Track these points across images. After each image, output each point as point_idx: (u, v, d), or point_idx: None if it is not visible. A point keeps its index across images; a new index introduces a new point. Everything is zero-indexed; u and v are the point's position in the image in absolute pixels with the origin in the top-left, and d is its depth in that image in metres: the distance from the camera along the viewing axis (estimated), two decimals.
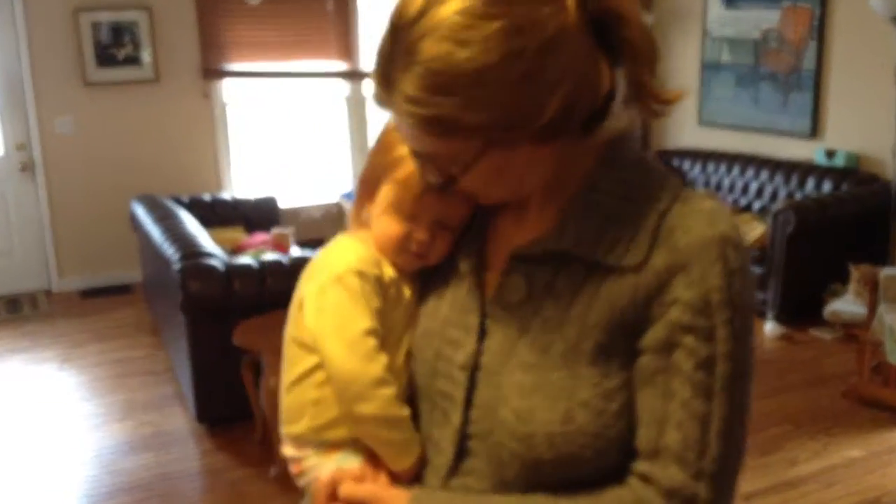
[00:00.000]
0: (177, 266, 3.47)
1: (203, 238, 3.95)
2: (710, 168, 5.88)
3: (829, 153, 5.12)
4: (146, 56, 5.64)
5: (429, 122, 0.81)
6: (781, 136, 5.51)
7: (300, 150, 6.40)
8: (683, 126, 6.37)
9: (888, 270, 3.93)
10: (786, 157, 5.42)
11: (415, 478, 0.97)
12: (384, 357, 0.96)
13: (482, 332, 0.94)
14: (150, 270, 4.63)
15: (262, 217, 5.52)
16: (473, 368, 0.93)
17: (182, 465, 3.38)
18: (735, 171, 5.68)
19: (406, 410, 0.97)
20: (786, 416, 3.65)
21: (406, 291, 1.02)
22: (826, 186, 4.98)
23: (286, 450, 1.05)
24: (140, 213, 4.62)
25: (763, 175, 5.45)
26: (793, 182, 5.22)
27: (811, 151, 5.28)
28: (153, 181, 5.63)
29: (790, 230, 4.49)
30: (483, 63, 0.77)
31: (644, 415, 0.86)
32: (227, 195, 5.67)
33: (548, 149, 0.85)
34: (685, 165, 6.09)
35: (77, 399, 4.04)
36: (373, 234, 1.01)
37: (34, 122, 5.49)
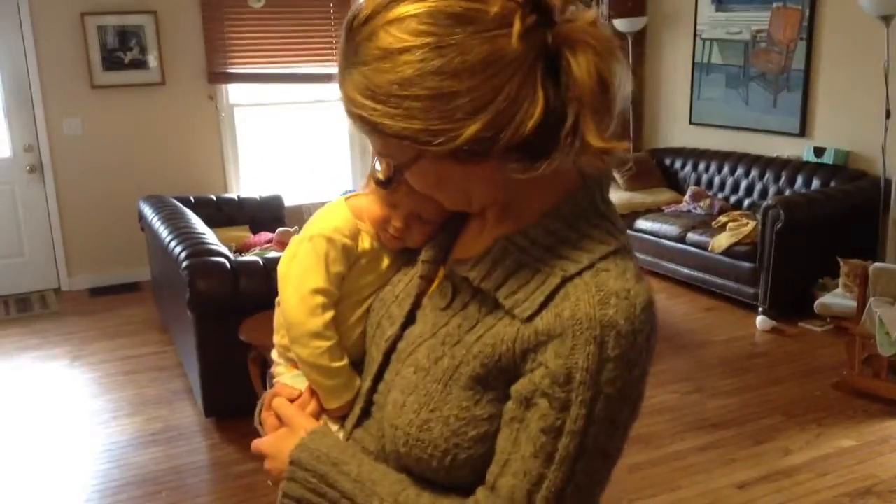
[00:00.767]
0: (184, 264, 3.56)
1: (210, 237, 4.04)
2: (702, 166, 5.98)
3: (818, 151, 5.21)
4: (152, 59, 5.74)
5: (360, 123, 0.85)
6: (771, 135, 5.60)
7: (303, 150, 6.49)
8: (675, 125, 6.46)
9: (877, 265, 4.01)
10: (776, 155, 5.50)
11: (342, 417, 1.07)
12: (328, 315, 1.07)
13: (410, 320, 1.01)
14: (158, 269, 4.72)
15: (268, 215, 5.61)
16: (391, 348, 1.01)
17: (191, 459, 3.45)
18: (726, 169, 5.78)
19: (340, 363, 1.07)
20: (778, 407, 3.73)
21: (384, 262, 1.11)
22: (815, 183, 5.07)
23: (273, 353, 1.19)
24: (148, 213, 4.71)
25: (753, 172, 5.55)
26: (783, 179, 5.31)
27: (801, 149, 5.37)
28: (160, 181, 5.73)
29: (779, 226, 4.57)
30: (399, 75, 0.80)
31: (496, 451, 0.89)
32: (233, 195, 5.77)
33: (481, 170, 0.85)
34: (677, 164, 6.19)
35: (87, 395, 4.12)
36: (364, 208, 1.11)
37: (42, 124, 5.60)
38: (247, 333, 3.36)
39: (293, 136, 6.46)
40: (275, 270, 3.49)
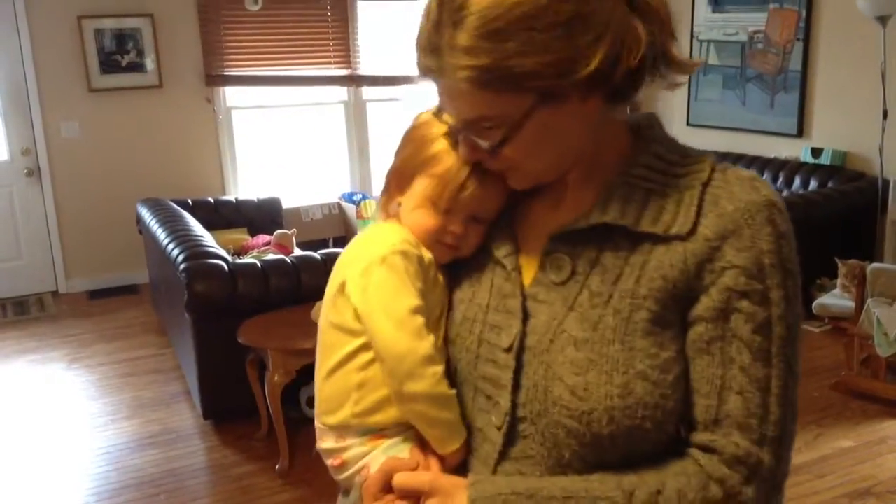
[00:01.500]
0: (182, 267, 3.55)
1: (208, 239, 4.04)
2: None
3: (816, 151, 5.21)
4: (149, 62, 5.74)
5: (484, 73, 0.82)
6: (769, 136, 5.61)
7: (301, 153, 6.50)
8: (672, 126, 6.45)
9: (875, 265, 4.01)
10: (773, 156, 5.51)
11: (461, 466, 0.95)
12: (432, 335, 0.95)
13: (525, 315, 0.93)
14: (156, 271, 4.72)
15: (265, 218, 5.62)
16: (520, 350, 0.91)
17: (189, 461, 3.45)
18: None
19: (453, 390, 0.95)
20: None
21: (440, 276, 1.02)
22: (813, 184, 5.08)
23: (324, 443, 1.01)
24: (146, 215, 4.71)
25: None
26: (780, 180, 5.31)
27: (798, 150, 5.38)
28: (158, 184, 5.73)
29: None
30: (534, 5, 0.79)
31: (701, 384, 0.85)
32: (231, 197, 5.77)
33: (590, 108, 0.86)
34: None
35: (85, 398, 4.12)
36: (407, 226, 1.01)
37: (40, 128, 5.59)
38: (245, 336, 3.35)
39: (291, 139, 6.46)
40: (272, 272, 3.49)
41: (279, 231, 5.10)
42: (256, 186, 6.23)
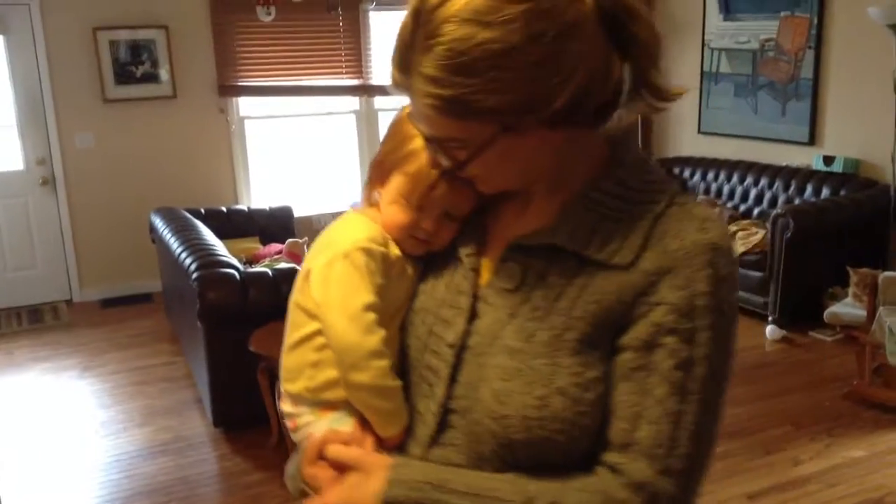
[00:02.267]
0: (194, 275, 3.58)
1: (220, 248, 4.07)
2: (710, 175, 5.97)
3: (828, 159, 5.19)
4: (163, 73, 5.80)
5: (447, 103, 0.82)
6: (780, 144, 5.59)
7: (313, 162, 6.54)
8: (683, 134, 6.46)
9: (887, 273, 3.99)
10: (785, 164, 5.49)
11: (399, 446, 1.00)
12: (382, 331, 1.00)
13: (473, 314, 0.97)
14: (169, 280, 4.75)
15: (277, 226, 5.65)
16: (461, 347, 0.96)
17: (200, 469, 3.47)
18: (735, 178, 5.77)
19: (397, 382, 1.00)
20: (787, 417, 3.71)
21: (409, 270, 1.06)
22: (825, 192, 5.05)
23: (284, 406, 1.09)
24: (159, 225, 4.74)
25: (763, 181, 5.53)
26: (792, 188, 5.29)
27: (810, 158, 5.36)
28: (171, 194, 5.78)
29: (789, 235, 4.56)
30: (505, 45, 0.79)
31: (619, 408, 0.87)
32: (243, 206, 5.81)
33: (554, 138, 0.87)
34: (685, 173, 6.18)
35: (97, 406, 4.15)
36: (381, 220, 1.06)
37: (55, 138, 5.66)
38: (256, 344, 3.38)
39: (303, 148, 6.50)
40: (284, 280, 3.51)
41: (291, 240, 5.13)
42: (269, 195, 6.27)
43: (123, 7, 5.63)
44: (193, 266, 3.67)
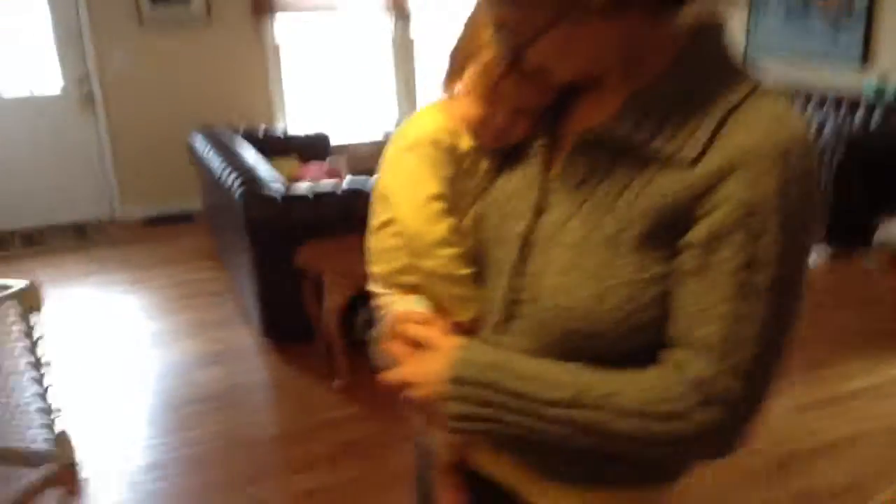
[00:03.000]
0: (238, 196, 3.60)
1: (262, 167, 4.06)
2: None
3: (880, 87, 5.03)
4: None
5: None
6: (832, 66, 5.43)
7: (349, 87, 6.47)
8: None
9: None
10: (835, 88, 5.35)
11: (472, 330, 1.03)
12: (449, 220, 1.02)
13: (541, 207, 0.97)
14: (212, 199, 4.78)
15: (314, 153, 5.62)
16: (528, 239, 0.97)
17: (250, 378, 3.56)
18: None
19: (466, 270, 1.03)
20: (837, 335, 3.72)
21: (483, 163, 1.07)
22: (875, 118, 4.92)
23: (372, 285, 1.13)
24: (200, 146, 4.75)
25: (809, 108, 5.40)
26: (842, 112, 5.16)
27: (860, 82, 5.21)
28: (209, 115, 5.76)
29: (839, 157, 4.47)
30: None
31: (683, 307, 0.86)
32: (279, 131, 5.78)
33: (617, 28, 0.84)
34: None
35: (147, 319, 4.25)
36: (457, 112, 1.06)
37: (92, 58, 5.64)
38: (302, 260, 3.41)
39: (340, 76, 6.42)
40: (325, 199, 3.55)
41: (331, 157, 5.11)
42: (305, 122, 6.24)
43: None
44: (237, 184, 3.69)
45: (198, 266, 4.94)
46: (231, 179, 3.82)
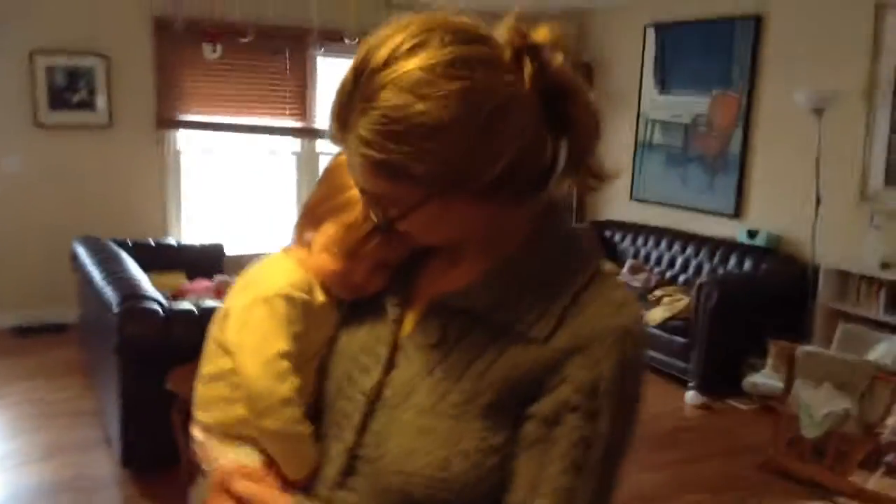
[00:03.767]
0: (116, 309, 3.47)
1: (144, 282, 3.95)
2: (640, 240, 6.14)
3: (752, 233, 5.38)
4: (101, 102, 5.69)
5: (378, 166, 0.84)
6: (707, 215, 5.80)
7: (249, 201, 6.47)
8: (616, 200, 6.64)
9: (804, 348, 4.11)
10: (711, 235, 5.67)
11: (306, 485, 1.01)
12: (295, 379, 1.01)
13: (391, 365, 0.97)
14: (88, 311, 4.59)
15: (208, 263, 5.52)
16: (375, 397, 0.97)
17: None
18: (663, 245, 5.94)
19: (308, 429, 1.01)
20: (703, 485, 3.75)
21: (333, 315, 1.06)
22: (747, 264, 5.23)
23: (195, 433, 1.10)
24: (81, 254, 4.60)
25: (689, 250, 5.72)
26: (717, 258, 5.47)
27: (735, 230, 5.55)
28: (99, 224, 5.59)
29: (712, 303, 4.69)
30: (438, 118, 0.80)
31: (518, 477, 0.89)
32: (172, 241, 5.68)
33: (486, 207, 0.89)
34: (617, 237, 6.34)
35: (0, 437, 3.95)
36: (312, 265, 1.06)
37: None
38: (174, 383, 3.26)
39: (240, 187, 6.43)
40: (209, 319, 3.42)
41: (221, 277, 5.02)
42: (201, 232, 6.16)
43: (64, 33, 5.54)
44: (115, 298, 3.56)
45: (64, 383, 4.66)
46: (109, 292, 3.69)
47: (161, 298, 3.72)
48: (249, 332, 1.02)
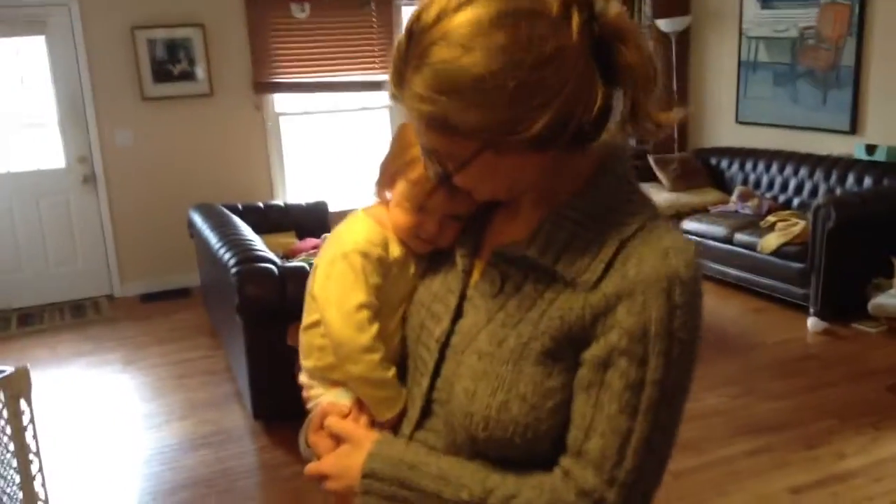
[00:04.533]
0: (233, 270, 3.62)
1: (258, 243, 4.10)
2: (749, 165, 5.90)
3: (870, 148, 5.09)
4: (200, 71, 5.86)
5: (432, 119, 0.88)
6: (821, 133, 5.51)
7: (348, 157, 6.57)
8: (721, 125, 6.38)
9: None
10: (825, 154, 5.40)
11: (394, 425, 1.09)
12: (374, 327, 1.09)
13: (459, 313, 1.04)
14: (208, 275, 4.81)
15: (313, 221, 5.69)
16: (445, 344, 1.04)
17: (240, 461, 3.50)
18: (774, 169, 5.69)
19: (390, 372, 1.09)
20: (831, 411, 3.65)
21: (412, 267, 1.13)
22: (867, 182, 4.96)
23: (301, 378, 1.19)
24: (198, 221, 4.80)
25: (802, 172, 5.46)
26: (833, 178, 5.21)
27: (851, 147, 5.26)
28: (209, 190, 5.85)
29: (831, 225, 4.48)
30: (484, 69, 0.83)
31: (575, 418, 0.93)
32: (279, 202, 5.85)
33: (538, 157, 0.91)
34: (723, 164, 6.11)
35: (139, 399, 4.22)
36: (388, 221, 1.13)
37: (95, 136, 5.75)
38: (293, 338, 3.39)
39: (338, 144, 6.53)
40: None
41: (326, 234, 5.14)
42: (304, 191, 6.32)
43: (160, 6, 5.71)
44: (232, 261, 3.71)
45: (194, 344, 4.93)
46: (227, 255, 3.84)
47: (275, 258, 3.85)
48: (331, 286, 1.10)
